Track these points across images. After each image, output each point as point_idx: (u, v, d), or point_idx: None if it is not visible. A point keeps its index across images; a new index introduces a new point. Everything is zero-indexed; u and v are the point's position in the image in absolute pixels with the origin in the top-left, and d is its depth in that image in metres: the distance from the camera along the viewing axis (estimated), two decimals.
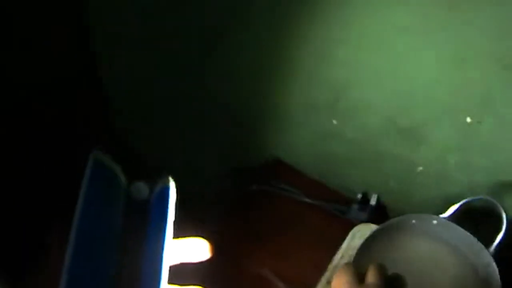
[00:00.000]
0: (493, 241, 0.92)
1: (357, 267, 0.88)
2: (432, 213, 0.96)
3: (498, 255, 0.91)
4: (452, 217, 0.95)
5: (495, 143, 0.96)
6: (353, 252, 1.02)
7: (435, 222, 0.97)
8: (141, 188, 0.63)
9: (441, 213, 0.95)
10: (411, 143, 1.05)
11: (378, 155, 1.12)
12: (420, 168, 1.08)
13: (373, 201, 1.18)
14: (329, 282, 1.04)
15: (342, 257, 1.08)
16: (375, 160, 1.14)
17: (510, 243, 0.91)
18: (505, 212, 0.90)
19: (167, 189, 0.60)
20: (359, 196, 1.19)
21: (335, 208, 1.23)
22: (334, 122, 1.14)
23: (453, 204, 0.96)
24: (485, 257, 0.92)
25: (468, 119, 0.94)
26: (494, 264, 0.90)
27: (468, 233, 0.94)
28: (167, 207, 0.60)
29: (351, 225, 1.15)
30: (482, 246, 0.92)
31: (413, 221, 0.97)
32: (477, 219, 0.96)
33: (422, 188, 1.11)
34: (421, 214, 0.97)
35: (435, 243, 0.98)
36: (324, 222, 1.22)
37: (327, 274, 1.06)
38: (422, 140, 1.03)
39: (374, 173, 1.16)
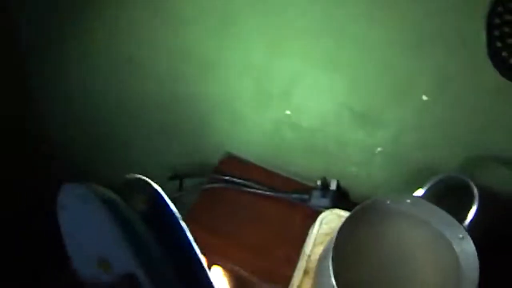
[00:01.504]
0: (467, 216, 0.94)
1: (338, 252, 0.88)
2: (394, 193, 0.99)
3: (472, 230, 0.94)
4: (425, 196, 0.97)
5: (451, 120, 0.98)
6: (324, 238, 1.02)
7: (409, 201, 0.98)
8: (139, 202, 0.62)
9: (404, 193, 0.97)
10: (367, 126, 1.06)
11: (335, 141, 1.12)
12: (379, 149, 1.09)
13: (333, 187, 1.19)
14: (306, 272, 1.04)
15: (314, 245, 1.07)
16: (332, 146, 1.14)
17: (483, 217, 0.94)
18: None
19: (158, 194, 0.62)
20: (319, 183, 1.19)
21: (296, 198, 1.22)
22: (288, 112, 1.13)
23: (415, 183, 0.97)
24: (460, 232, 0.95)
25: (424, 97, 0.95)
26: (469, 238, 0.93)
27: (442, 210, 0.96)
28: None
29: (314, 213, 1.14)
30: (456, 222, 0.95)
31: (388, 201, 0.98)
32: (449, 196, 0.98)
33: (382, 169, 1.13)
34: (395, 194, 0.99)
35: (411, 222, 1.00)
36: (287, 212, 1.21)
37: (302, 264, 1.06)
38: (378, 122, 1.04)
39: (332, 159, 1.17)
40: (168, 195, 1.22)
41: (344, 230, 0.93)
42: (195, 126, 1.30)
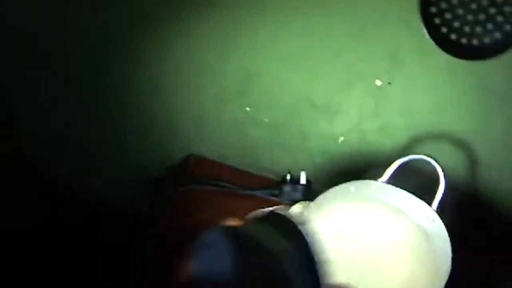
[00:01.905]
0: (434, 198, 0.94)
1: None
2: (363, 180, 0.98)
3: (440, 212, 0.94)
4: (391, 180, 0.97)
5: (408, 103, 0.98)
6: None
7: (374, 186, 0.98)
8: None
9: (373, 179, 0.97)
10: (328, 116, 1.06)
11: (298, 133, 1.12)
12: (342, 138, 1.08)
13: (303, 180, 1.18)
14: None
15: None
16: (296, 139, 1.13)
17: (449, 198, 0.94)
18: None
19: None
20: (288, 177, 1.18)
21: (266, 193, 1.21)
22: (248, 109, 1.11)
23: (381, 167, 0.97)
24: (429, 214, 0.94)
25: (378, 83, 0.95)
26: (439, 219, 0.93)
27: (409, 193, 0.96)
28: None
29: (286, 207, 1.13)
30: (425, 204, 0.95)
31: (352, 188, 0.98)
32: (415, 179, 0.98)
33: (347, 157, 1.12)
34: (359, 180, 0.98)
35: (377, 207, 0.99)
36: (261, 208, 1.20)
37: None
38: (338, 111, 1.04)
39: (297, 152, 1.16)
40: (143, 201, 1.22)
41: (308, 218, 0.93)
42: (160, 131, 1.28)
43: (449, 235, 0.90)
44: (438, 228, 0.93)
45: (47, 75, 1.16)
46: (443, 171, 0.93)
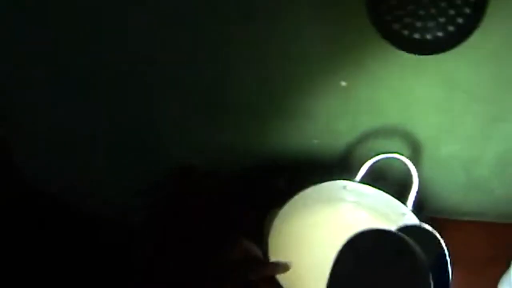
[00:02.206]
0: (408, 197, 0.94)
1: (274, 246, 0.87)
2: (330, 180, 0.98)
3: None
4: (365, 180, 0.97)
5: (375, 101, 0.98)
6: None
7: (347, 187, 0.98)
8: None
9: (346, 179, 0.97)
10: (298, 121, 1.05)
11: (275, 141, 1.11)
12: (315, 141, 1.08)
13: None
14: None
15: None
16: (275, 147, 1.12)
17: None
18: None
19: None
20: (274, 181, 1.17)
21: None
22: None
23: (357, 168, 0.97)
24: (404, 212, 0.94)
25: (343, 83, 0.94)
26: (413, 216, 0.93)
27: (383, 192, 0.96)
28: None
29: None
30: (397, 201, 0.95)
31: (325, 189, 0.98)
32: (389, 179, 0.98)
33: (323, 160, 1.11)
34: (332, 181, 0.98)
35: (351, 208, 0.99)
36: None
37: None
38: (307, 115, 1.03)
39: (277, 157, 1.15)
40: (136, 214, 1.21)
41: (280, 221, 0.92)
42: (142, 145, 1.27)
43: None
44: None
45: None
46: (415, 169, 0.93)
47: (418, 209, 1.08)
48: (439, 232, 1.12)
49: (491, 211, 1.16)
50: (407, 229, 0.70)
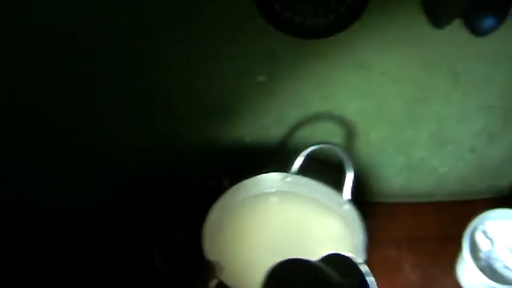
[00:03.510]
0: (344, 184, 0.95)
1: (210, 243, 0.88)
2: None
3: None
4: (301, 171, 0.97)
5: (296, 93, 0.99)
6: None
7: (285, 179, 0.98)
8: None
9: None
10: (227, 121, 1.05)
11: (207, 143, 1.11)
12: (247, 138, 1.09)
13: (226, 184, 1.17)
14: None
15: None
16: (209, 149, 1.13)
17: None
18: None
19: None
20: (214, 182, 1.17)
21: None
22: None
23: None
24: (341, 199, 0.95)
25: (261, 78, 0.95)
26: (351, 203, 0.94)
27: (321, 183, 0.96)
28: None
29: None
30: (334, 190, 0.96)
31: (261, 181, 0.99)
32: (328, 168, 0.99)
33: (257, 156, 1.11)
34: (268, 173, 0.98)
35: (290, 198, 1.00)
36: None
37: None
38: (232, 114, 1.04)
39: (214, 160, 1.15)
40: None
41: (215, 215, 0.93)
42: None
43: None
44: (350, 211, 0.94)
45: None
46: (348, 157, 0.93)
47: (360, 195, 1.09)
48: (387, 218, 1.14)
49: (438, 190, 1.17)
50: (329, 258, 0.73)
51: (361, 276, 0.68)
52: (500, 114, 1.01)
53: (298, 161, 0.97)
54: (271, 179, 0.98)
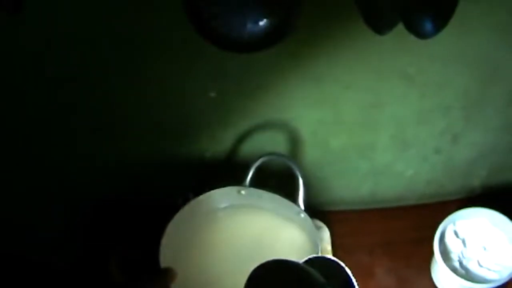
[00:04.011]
0: (298, 193, 0.94)
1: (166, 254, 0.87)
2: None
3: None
4: (254, 183, 0.97)
5: (247, 108, 0.98)
6: None
7: (241, 191, 0.98)
8: None
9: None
10: (182, 137, 1.05)
11: (168, 160, 1.10)
12: (207, 153, 1.08)
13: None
14: None
15: None
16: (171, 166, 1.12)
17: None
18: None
19: None
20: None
21: None
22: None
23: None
24: (296, 210, 0.94)
25: (212, 94, 0.94)
26: (304, 212, 0.93)
27: (273, 193, 0.96)
28: None
29: None
30: (288, 201, 0.95)
31: (218, 195, 0.98)
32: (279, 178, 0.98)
33: (217, 170, 1.11)
34: (223, 188, 0.98)
35: (246, 211, 0.99)
36: None
37: None
38: (188, 130, 1.04)
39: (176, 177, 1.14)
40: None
41: (173, 230, 0.92)
42: None
43: None
44: (306, 219, 0.94)
45: None
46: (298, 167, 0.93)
47: (327, 204, 1.08)
48: (358, 224, 1.13)
49: (407, 194, 1.15)
50: (312, 260, 0.72)
51: (345, 277, 0.67)
52: (461, 114, 1.00)
53: (250, 173, 0.96)
54: (225, 193, 0.98)
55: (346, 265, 0.76)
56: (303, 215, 0.93)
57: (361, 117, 0.98)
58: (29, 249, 1.15)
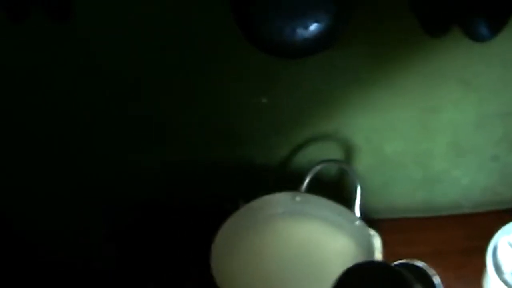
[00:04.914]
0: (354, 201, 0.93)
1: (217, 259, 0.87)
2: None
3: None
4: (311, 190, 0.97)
5: (298, 114, 0.99)
6: None
7: (296, 198, 0.97)
8: None
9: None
10: (232, 143, 1.06)
11: (217, 166, 1.10)
12: (257, 159, 1.08)
13: None
14: None
15: None
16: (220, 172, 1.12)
17: None
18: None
19: None
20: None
21: None
22: None
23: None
24: (354, 218, 0.93)
25: (264, 100, 0.95)
26: (363, 222, 0.92)
27: (330, 200, 0.95)
28: None
29: None
30: (346, 209, 0.94)
31: (272, 201, 0.98)
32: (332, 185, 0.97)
33: (267, 177, 1.11)
34: (278, 193, 0.98)
35: (300, 219, 0.98)
36: None
37: None
38: (240, 136, 1.04)
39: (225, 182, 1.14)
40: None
41: (225, 234, 0.92)
42: None
43: None
44: (362, 227, 0.93)
45: None
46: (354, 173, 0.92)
47: (380, 212, 1.07)
48: (411, 233, 1.10)
49: (463, 202, 1.12)
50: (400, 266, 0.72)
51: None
52: None
53: (307, 180, 0.96)
54: (280, 200, 0.97)
55: None
56: (358, 222, 0.92)
57: (416, 123, 0.96)
58: (72, 254, 1.18)
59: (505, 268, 0.92)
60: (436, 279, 0.66)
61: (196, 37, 0.86)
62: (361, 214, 0.93)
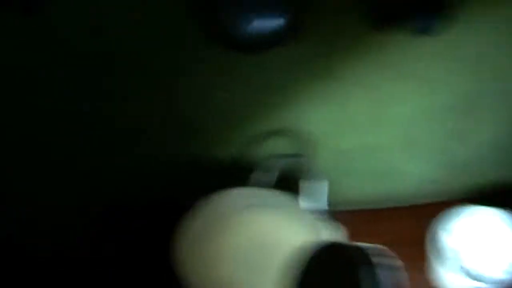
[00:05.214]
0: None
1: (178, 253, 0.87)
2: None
3: None
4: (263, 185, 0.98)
5: (256, 109, 0.99)
6: None
7: (255, 193, 0.98)
8: None
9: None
10: (198, 137, 1.05)
11: (181, 162, 1.11)
12: (218, 155, 1.08)
13: None
14: None
15: None
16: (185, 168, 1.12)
17: None
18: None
19: None
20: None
21: None
22: None
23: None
24: (303, 208, 0.95)
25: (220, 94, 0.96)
26: (319, 213, 0.94)
27: (287, 194, 0.96)
28: None
29: None
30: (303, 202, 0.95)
31: (232, 196, 0.97)
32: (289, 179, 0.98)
33: (222, 172, 1.11)
34: (236, 188, 0.98)
35: (261, 212, 0.98)
36: None
37: None
38: (198, 128, 1.04)
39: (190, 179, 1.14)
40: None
41: (184, 230, 0.92)
42: None
43: None
44: (319, 220, 0.94)
45: None
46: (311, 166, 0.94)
47: (336, 204, 1.08)
48: (365, 224, 1.12)
49: (414, 193, 1.15)
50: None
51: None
52: (466, 114, 1.01)
53: (262, 175, 0.97)
54: (236, 194, 0.97)
55: None
56: (316, 215, 0.93)
57: (370, 116, 0.98)
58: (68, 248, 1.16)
59: (451, 254, 0.95)
60: (397, 262, 0.68)
61: (152, 29, 0.85)
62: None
